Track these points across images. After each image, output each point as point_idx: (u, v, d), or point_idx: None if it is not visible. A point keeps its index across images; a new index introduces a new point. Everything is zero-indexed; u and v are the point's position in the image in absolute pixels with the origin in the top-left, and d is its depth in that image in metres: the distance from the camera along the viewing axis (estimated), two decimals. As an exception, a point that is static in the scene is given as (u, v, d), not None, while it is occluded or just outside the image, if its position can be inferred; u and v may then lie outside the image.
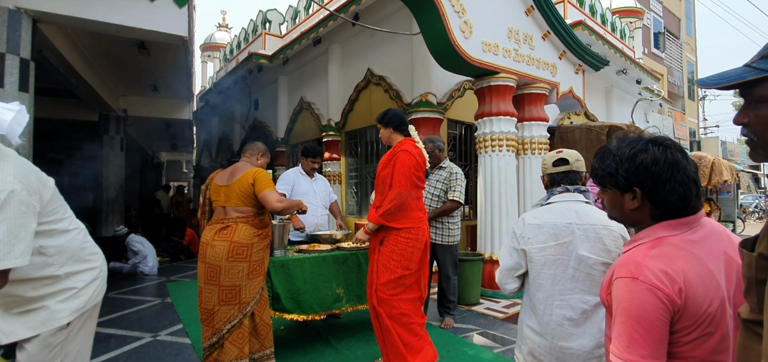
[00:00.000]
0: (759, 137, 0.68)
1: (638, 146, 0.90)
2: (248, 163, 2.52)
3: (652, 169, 0.86)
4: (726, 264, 0.85)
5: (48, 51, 4.67)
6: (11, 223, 1.16)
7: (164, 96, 7.93)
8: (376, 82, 5.71)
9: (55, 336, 1.37)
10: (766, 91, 0.65)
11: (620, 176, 0.90)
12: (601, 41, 7.01)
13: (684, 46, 16.66)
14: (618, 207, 0.93)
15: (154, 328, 3.59)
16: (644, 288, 0.80)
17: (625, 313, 0.82)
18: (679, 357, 0.82)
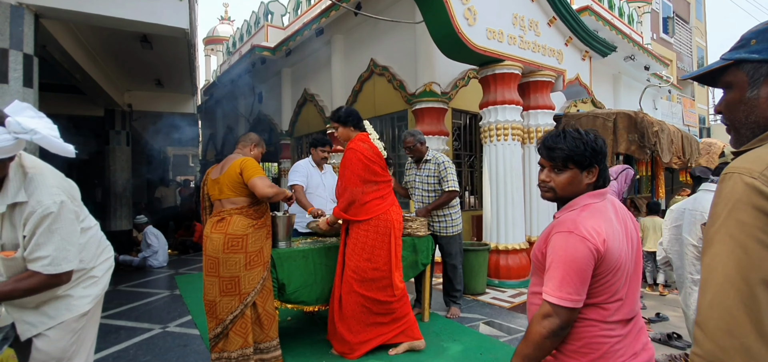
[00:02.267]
0: (729, 120, 0.76)
1: (590, 134, 1.13)
2: (240, 154, 2.53)
3: (600, 151, 1.11)
4: (627, 227, 1.12)
5: (51, 46, 4.68)
6: (65, 232, 1.29)
7: (168, 90, 7.94)
8: (379, 72, 5.66)
9: (78, 322, 1.46)
10: (729, 77, 0.74)
11: (587, 157, 1.11)
12: (609, 27, 6.87)
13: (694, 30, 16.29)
14: (576, 183, 1.13)
15: (163, 320, 3.64)
16: (578, 239, 1.01)
17: (560, 260, 1.02)
18: (596, 295, 1.04)
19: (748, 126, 0.73)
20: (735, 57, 0.73)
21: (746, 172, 0.62)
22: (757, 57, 0.70)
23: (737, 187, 0.62)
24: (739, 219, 0.61)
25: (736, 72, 0.73)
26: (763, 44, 0.70)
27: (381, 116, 5.86)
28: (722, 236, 0.63)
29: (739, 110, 0.73)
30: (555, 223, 1.08)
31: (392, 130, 5.80)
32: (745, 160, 0.64)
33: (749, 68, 0.71)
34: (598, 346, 1.03)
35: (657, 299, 4.39)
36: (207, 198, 2.57)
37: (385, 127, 5.89)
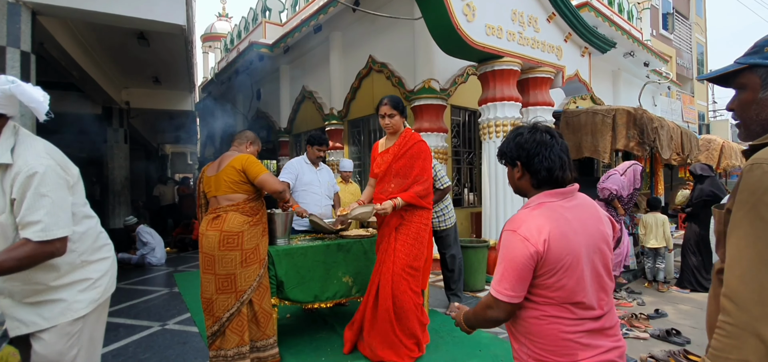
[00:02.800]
0: (740, 118, 0.87)
1: (519, 131, 1.19)
2: (236, 152, 2.52)
3: (524, 146, 1.13)
4: (590, 228, 1.11)
5: (49, 43, 4.66)
6: (55, 195, 1.26)
7: (166, 87, 7.92)
8: (378, 69, 5.64)
9: (73, 326, 1.41)
10: (743, 79, 0.83)
11: (508, 154, 1.18)
12: (608, 23, 6.85)
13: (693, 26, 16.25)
14: (512, 179, 1.21)
15: (162, 317, 3.64)
16: (518, 239, 1.04)
17: (502, 256, 1.09)
18: (545, 296, 1.07)
19: (759, 122, 0.83)
20: (750, 62, 0.81)
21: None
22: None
23: (766, 177, 0.70)
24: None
25: (750, 75, 0.82)
26: None
27: (380, 113, 5.85)
28: (752, 219, 0.71)
29: (752, 109, 0.83)
30: (508, 220, 1.13)
31: (391, 127, 5.79)
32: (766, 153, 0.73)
33: (763, 72, 0.80)
34: (565, 345, 1.05)
35: (656, 295, 4.40)
36: (203, 196, 2.56)
37: (384, 124, 5.88)
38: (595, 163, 7.01)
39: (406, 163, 2.48)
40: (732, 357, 0.70)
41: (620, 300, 4.22)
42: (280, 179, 3.33)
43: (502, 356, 2.60)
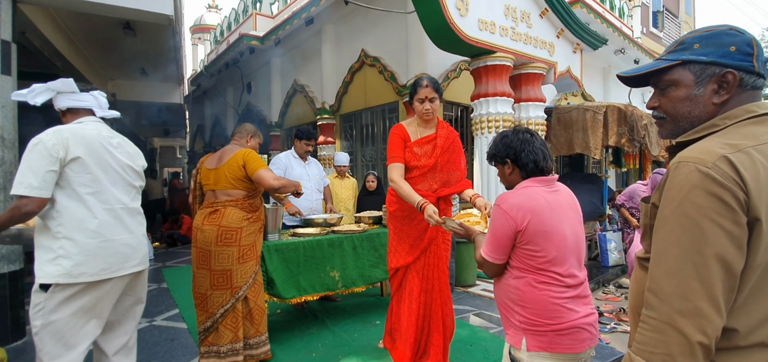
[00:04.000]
0: (669, 113, 0.86)
1: (504, 134, 1.41)
2: (237, 146, 2.47)
3: (511, 145, 1.36)
4: (566, 210, 1.32)
5: (30, 33, 4.51)
6: (32, 161, 1.48)
7: (153, 79, 7.74)
8: (370, 63, 5.59)
9: (37, 295, 1.51)
10: (675, 76, 0.83)
11: (498, 154, 1.40)
12: (600, 19, 6.89)
13: (683, 25, 16.49)
14: (503, 176, 1.43)
15: (150, 313, 3.57)
16: (501, 212, 1.27)
17: (491, 225, 1.32)
18: (526, 263, 1.26)
19: (689, 120, 0.83)
20: (683, 58, 0.82)
21: (700, 162, 0.71)
22: (704, 59, 0.80)
23: (693, 175, 0.71)
24: (695, 202, 0.70)
25: (683, 72, 0.82)
26: (708, 48, 0.80)
27: (372, 108, 5.81)
28: (678, 216, 0.72)
29: (684, 106, 0.83)
30: (500, 195, 1.34)
31: (383, 121, 5.75)
32: (697, 152, 0.73)
33: (696, 68, 0.81)
34: (553, 309, 1.24)
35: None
36: (199, 188, 2.51)
37: (376, 118, 5.84)
38: (586, 159, 7.08)
39: (451, 156, 2.19)
40: (657, 351, 0.71)
41: (609, 295, 4.29)
42: None
43: (493, 350, 2.61)
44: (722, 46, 0.80)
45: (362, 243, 2.87)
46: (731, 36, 0.80)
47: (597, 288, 4.68)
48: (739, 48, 0.79)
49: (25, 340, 3.04)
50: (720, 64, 0.79)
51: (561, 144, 5.39)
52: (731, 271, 0.68)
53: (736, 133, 0.76)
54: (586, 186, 5.69)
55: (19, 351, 2.86)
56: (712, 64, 0.80)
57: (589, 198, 5.53)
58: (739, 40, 0.80)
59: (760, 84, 0.82)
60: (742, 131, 0.76)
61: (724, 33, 0.81)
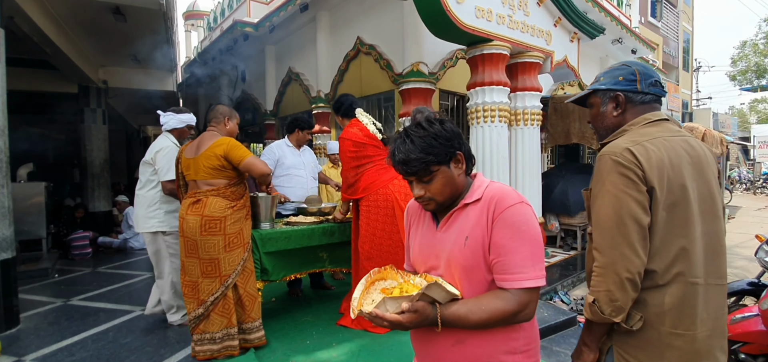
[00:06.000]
0: (593, 124, 1.25)
1: (433, 128, 0.99)
2: (215, 132, 2.42)
3: (454, 132, 1.01)
4: None
5: (19, 18, 4.41)
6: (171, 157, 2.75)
7: (146, 66, 7.62)
8: (366, 51, 5.53)
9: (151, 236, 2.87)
10: (592, 100, 1.24)
11: (448, 151, 0.98)
12: (598, 8, 6.83)
13: (681, 14, 16.40)
14: (450, 181, 1.00)
15: (144, 302, 3.57)
16: (531, 211, 1.13)
17: (532, 235, 1.20)
18: None
19: (604, 128, 1.22)
20: (593, 88, 1.21)
21: (612, 154, 1.05)
22: (603, 87, 1.19)
23: (608, 162, 1.05)
24: (612, 181, 1.04)
25: (594, 97, 1.22)
26: (606, 80, 1.19)
27: (368, 96, 5.76)
28: (603, 192, 1.05)
29: (599, 118, 1.22)
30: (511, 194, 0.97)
31: (379, 110, 5.71)
32: (610, 147, 1.08)
33: (601, 94, 1.20)
34: None
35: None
36: (181, 178, 2.48)
37: (372, 107, 5.80)
38: (581, 149, 7.09)
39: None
40: (601, 289, 1.02)
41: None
42: None
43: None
44: (614, 77, 1.18)
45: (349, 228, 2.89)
46: (621, 70, 1.18)
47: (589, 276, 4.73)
48: (625, 77, 1.16)
49: (19, 328, 3.04)
50: (613, 90, 1.17)
51: (557, 134, 5.39)
52: (641, 225, 1.00)
53: (637, 133, 1.10)
54: (581, 176, 5.71)
55: (13, 338, 2.86)
56: (608, 90, 1.18)
57: (584, 187, 5.55)
58: (625, 72, 1.17)
59: (648, 99, 1.15)
60: (641, 131, 1.10)
61: (617, 68, 1.19)
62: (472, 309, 0.91)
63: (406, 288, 0.92)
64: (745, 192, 16.91)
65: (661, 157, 1.03)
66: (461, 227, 0.98)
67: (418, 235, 1.10)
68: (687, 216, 1.03)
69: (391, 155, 1.00)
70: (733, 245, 6.47)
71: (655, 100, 1.17)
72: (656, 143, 1.05)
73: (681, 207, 1.03)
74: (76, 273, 4.71)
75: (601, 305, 1.02)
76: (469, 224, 0.97)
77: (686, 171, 1.04)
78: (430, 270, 1.03)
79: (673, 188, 1.02)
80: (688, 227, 1.03)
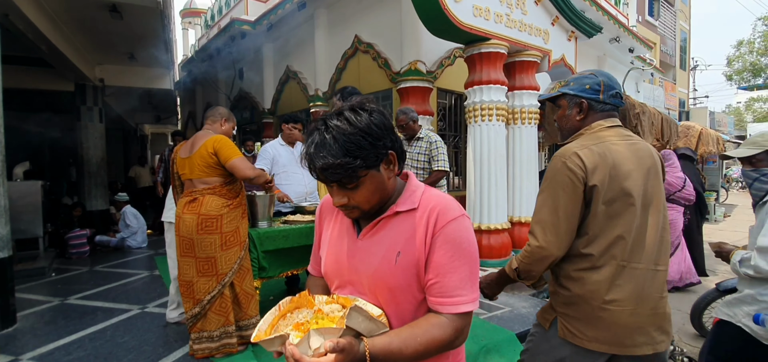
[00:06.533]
0: (558, 126, 1.39)
1: (368, 114, 0.79)
2: (210, 131, 2.42)
3: (385, 125, 0.82)
4: None
5: (13, 15, 4.38)
6: None
7: (142, 64, 7.58)
8: (364, 49, 5.52)
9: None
10: (560, 102, 1.36)
11: (379, 152, 0.79)
12: (595, 7, 6.85)
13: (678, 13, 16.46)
14: (379, 186, 0.82)
15: (141, 300, 3.58)
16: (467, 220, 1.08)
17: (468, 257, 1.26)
18: None
19: (567, 129, 1.36)
20: (562, 91, 1.35)
21: (563, 155, 1.22)
22: (571, 92, 1.33)
23: (558, 163, 1.23)
24: (557, 180, 1.22)
25: (563, 100, 1.35)
26: (575, 86, 1.33)
27: (365, 95, 5.75)
28: (548, 187, 1.23)
29: (563, 119, 1.36)
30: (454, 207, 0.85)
31: (377, 109, 5.71)
32: (563, 149, 1.25)
33: (569, 98, 1.33)
34: None
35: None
36: (177, 177, 2.48)
37: (370, 106, 5.80)
38: (578, 148, 7.12)
39: None
40: (523, 260, 1.27)
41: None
42: (257, 166, 3.28)
43: (483, 336, 2.66)
44: (582, 84, 1.31)
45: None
46: (588, 79, 1.32)
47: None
48: (591, 86, 1.30)
49: (15, 327, 3.03)
50: (579, 96, 1.31)
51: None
52: (569, 218, 1.20)
53: (590, 137, 1.26)
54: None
55: (10, 337, 2.85)
56: (575, 95, 1.31)
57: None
58: (592, 81, 1.31)
59: (608, 108, 1.30)
60: (593, 136, 1.26)
61: (586, 77, 1.32)
62: (406, 340, 0.76)
63: (320, 320, 0.78)
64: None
65: (605, 160, 1.19)
66: (392, 240, 0.83)
67: (334, 242, 0.93)
68: (625, 210, 1.19)
69: (306, 156, 0.78)
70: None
71: (613, 109, 1.32)
72: (603, 147, 1.21)
73: (619, 202, 1.19)
74: (74, 272, 4.70)
75: (521, 273, 1.29)
76: (402, 237, 0.83)
77: (628, 171, 1.20)
78: (346, 285, 0.88)
79: (613, 186, 1.18)
80: (626, 219, 1.19)
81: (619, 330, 1.18)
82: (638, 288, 1.19)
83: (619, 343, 1.19)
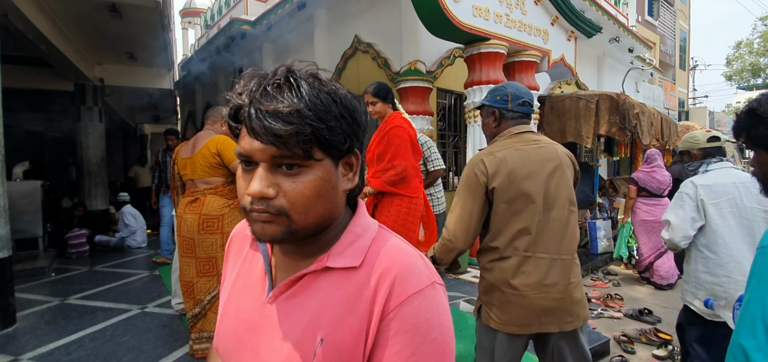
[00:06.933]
0: (483, 131, 1.57)
1: (345, 91, 0.58)
2: (210, 131, 2.44)
3: (364, 122, 0.59)
4: None
5: (13, 15, 4.38)
6: None
7: (142, 64, 7.58)
8: (363, 49, 5.52)
9: None
10: (483, 111, 1.54)
11: (349, 137, 0.55)
12: (595, 7, 6.85)
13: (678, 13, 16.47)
14: (327, 191, 0.53)
15: (141, 300, 3.58)
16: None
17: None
18: None
19: (488, 136, 1.54)
20: (482, 103, 1.53)
21: (472, 162, 1.43)
22: (487, 103, 1.51)
23: (469, 167, 1.43)
24: (465, 183, 1.42)
25: (487, 108, 1.51)
26: (491, 97, 1.50)
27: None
28: (460, 188, 1.44)
29: (485, 128, 1.55)
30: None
31: (377, 109, 5.71)
32: (474, 156, 1.44)
33: (486, 108, 1.52)
34: None
35: (631, 276, 4.56)
36: (178, 177, 2.49)
37: (370, 105, 5.80)
38: (579, 148, 7.12)
39: (383, 148, 2.43)
40: (440, 252, 1.48)
41: (597, 281, 4.37)
42: None
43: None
44: (494, 96, 1.49)
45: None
46: (500, 90, 1.49)
47: (586, 274, 4.76)
48: (501, 97, 1.47)
49: (15, 327, 3.03)
50: (492, 107, 1.49)
51: (554, 132, 5.40)
52: (474, 216, 1.39)
53: (499, 143, 1.44)
54: (578, 175, 5.74)
55: (10, 337, 2.85)
56: (490, 106, 1.49)
57: (580, 186, 5.58)
58: (502, 93, 1.47)
59: (517, 115, 1.46)
60: (502, 142, 1.43)
61: (498, 89, 1.49)
62: None
63: None
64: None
65: (506, 164, 1.36)
66: (314, 314, 0.52)
67: (234, 298, 0.61)
68: (525, 208, 1.35)
69: (246, 97, 0.54)
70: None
71: (523, 116, 1.47)
72: (507, 152, 1.38)
73: (520, 201, 1.35)
74: (73, 272, 4.70)
75: (436, 259, 1.51)
76: (331, 312, 0.51)
77: (528, 173, 1.36)
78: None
79: (511, 188, 1.35)
80: (526, 216, 1.35)
81: (528, 313, 1.34)
82: (542, 276, 1.34)
83: (527, 324, 1.36)
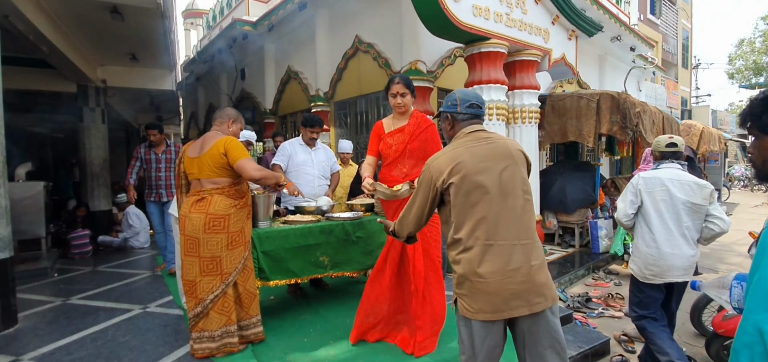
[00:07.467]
0: (443, 135, 1.76)
1: None
2: (218, 132, 2.45)
3: None
4: None
5: (14, 16, 4.40)
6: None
7: (144, 65, 7.60)
8: (364, 49, 5.53)
9: None
10: (442, 117, 1.68)
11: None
12: (596, 6, 6.83)
13: (680, 12, 16.39)
14: None
15: (143, 300, 3.59)
16: None
17: None
18: None
19: (448, 138, 1.66)
20: (440, 110, 1.67)
21: (429, 162, 1.58)
22: (442, 109, 1.66)
23: (427, 167, 1.58)
24: (422, 179, 1.58)
25: (443, 114, 1.66)
26: (444, 104, 1.66)
27: (366, 94, 5.76)
28: (418, 188, 1.60)
29: (445, 132, 1.69)
30: None
31: (377, 109, 5.72)
32: (432, 157, 1.59)
33: (442, 114, 1.67)
34: None
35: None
36: (183, 177, 2.50)
37: (370, 106, 5.80)
38: (580, 147, 7.10)
39: (420, 145, 2.42)
40: (398, 229, 1.71)
41: (598, 281, 4.36)
42: (272, 162, 3.43)
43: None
44: (447, 102, 1.64)
45: (354, 230, 2.88)
46: (450, 97, 1.64)
47: (587, 273, 4.75)
48: (452, 103, 1.62)
49: (17, 327, 3.05)
50: (445, 112, 1.64)
51: (555, 132, 5.40)
52: (423, 211, 1.59)
53: (454, 144, 1.58)
54: (579, 174, 5.72)
55: (11, 338, 2.87)
56: (444, 111, 1.65)
57: (582, 185, 5.57)
58: (452, 99, 1.63)
59: (467, 117, 1.60)
60: (456, 143, 1.57)
61: (449, 97, 1.65)
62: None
63: None
64: (742, 190, 16.94)
65: (462, 159, 1.48)
66: None
67: None
68: (481, 199, 1.45)
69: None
70: (730, 242, 6.49)
71: (473, 117, 1.61)
72: (461, 150, 1.51)
73: (476, 193, 1.45)
74: (76, 272, 4.72)
75: (395, 233, 1.73)
76: None
77: (482, 167, 1.47)
78: None
79: (466, 181, 1.46)
80: (483, 206, 1.44)
81: (496, 299, 1.42)
82: (505, 261, 1.42)
83: (498, 310, 1.42)
